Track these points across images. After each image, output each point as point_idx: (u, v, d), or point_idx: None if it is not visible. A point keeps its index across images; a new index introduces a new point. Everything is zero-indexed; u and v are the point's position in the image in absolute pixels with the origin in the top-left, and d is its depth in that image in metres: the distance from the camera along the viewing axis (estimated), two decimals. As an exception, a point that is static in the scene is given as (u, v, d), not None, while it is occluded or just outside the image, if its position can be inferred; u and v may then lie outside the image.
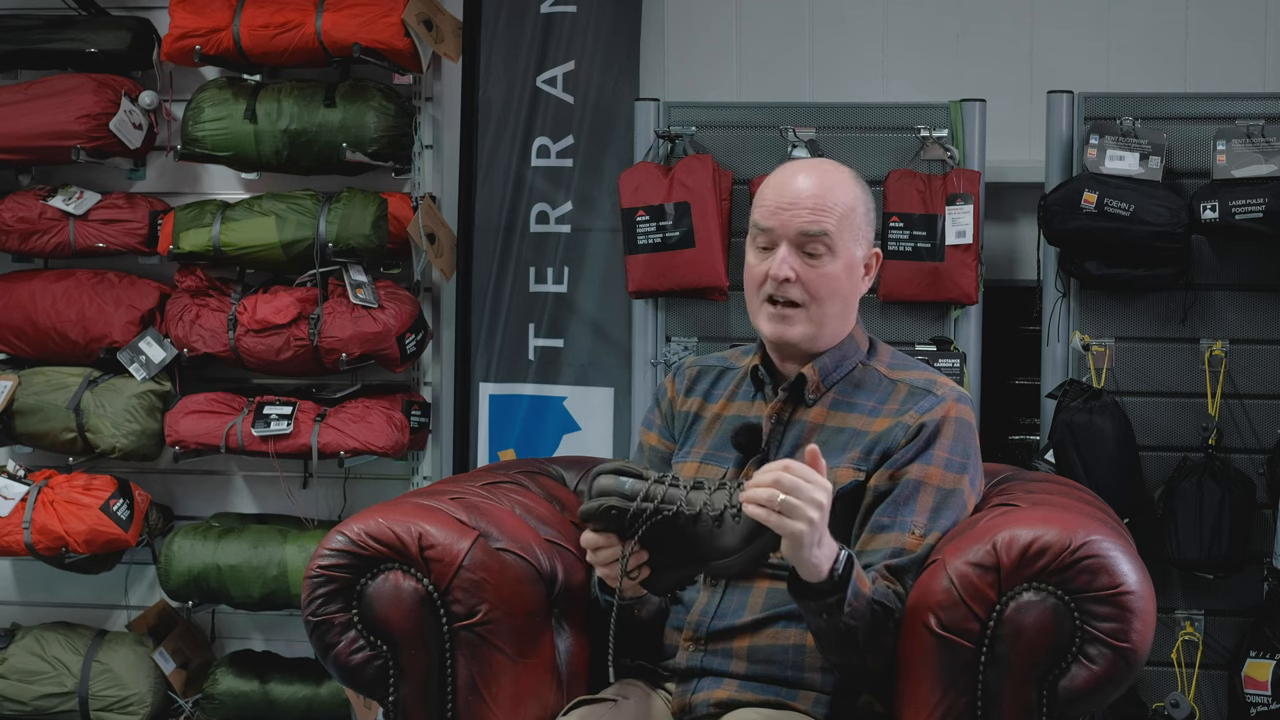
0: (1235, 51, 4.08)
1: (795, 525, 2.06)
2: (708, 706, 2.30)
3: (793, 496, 2.05)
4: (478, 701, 2.29)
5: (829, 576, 2.11)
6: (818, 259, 2.33)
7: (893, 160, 3.88)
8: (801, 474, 2.06)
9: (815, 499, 2.06)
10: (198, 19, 4.17)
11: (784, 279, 2.33)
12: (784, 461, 2.08)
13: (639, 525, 2.12)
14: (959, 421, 2.33)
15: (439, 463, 4.40)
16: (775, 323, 2.36)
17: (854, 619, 2.14)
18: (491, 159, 4.30)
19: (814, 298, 2.35)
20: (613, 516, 2.13)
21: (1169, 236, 3.66)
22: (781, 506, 2.05)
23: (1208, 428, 3.77)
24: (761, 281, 2.36)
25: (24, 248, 4.29)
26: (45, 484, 4.19)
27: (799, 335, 2.37)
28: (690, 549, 2.14)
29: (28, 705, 4.27)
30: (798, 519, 2.05)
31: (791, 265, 2.33)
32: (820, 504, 2.07)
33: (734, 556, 2.12)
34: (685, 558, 2.15)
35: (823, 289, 2.35)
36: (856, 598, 2.13)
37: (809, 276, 2.34)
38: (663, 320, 4.06)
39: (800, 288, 2.34)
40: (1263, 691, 3.62)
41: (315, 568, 2.30)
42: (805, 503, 2.05)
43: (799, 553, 2.08)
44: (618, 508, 2.13)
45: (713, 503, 2.12)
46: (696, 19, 4.34)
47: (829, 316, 2.37)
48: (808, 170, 2.38)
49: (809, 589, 2.13)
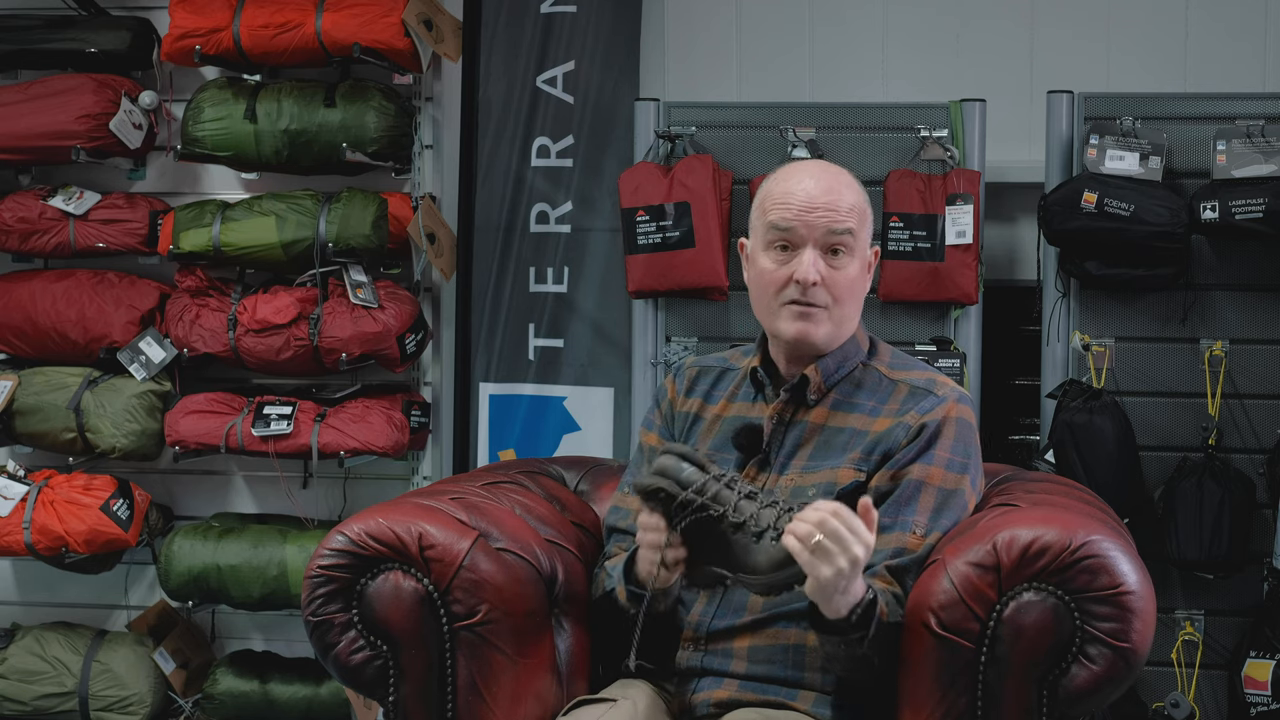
0: (1235, 51, 4.08)
1: (824, 570, 2.05)
2: (708, 706, 2.30)
3: (831, 542, 2.04)
4: (478, 701, 2.28)
5: (847, 617, 2.11)
6: (839, 259, 2.33)
7: (893, 160, 3.88)
8: (849, 523, 2.05)
9: (853, 553, 2.04)
10: (198, 19, 4.17)
11: (813, 283, 2.32)
12: (835, 506, 2.06)
13: (682, 516, 2.13)
14: (960, 422, 2.33)
15: (439, 463, 4.40)
16: (800, 321, 2.34)
17: (872, 650, 2.15)
18: (491, 159, 4.30)
19: (837, 300, 2.35)
20: (660, 499, 2.15)
21: (1169, 236, 3.66)
22: (816, 548, 2.04)
23: (1208, 428, 3.77)
24: (783, 285, 2.34)
25: (24, 248, 4.29)
26: (45, 484, 4.19)
27: (823, 336, 2.36)
28: (723, 553, 2.14)
29: (28, 705, 4.27)
30: (828, 565, 2.04)
31: (820, 267, 2.32)
32: (857, 559, 2.05)
33: (760, 576, 2.12)
34: (717, 560, 2.16)
35: (845, 291, 2.35)
36: (880, 629, 2.14)
37: (833, 279, 2.33)
38: (663, 320, 4.06)
39: (824, 290, 2.33)
40: (1263, 691, 3.62)
41: (315, 568, 2.30)
42: (841, 552, 2.04)
43: (821, 595, 2.09)
44: (667, 491, 2.14)
45: (758, 518, 2.12)
46: (696, 19, 4.34)
47: (847, 318, 2.38)
48: (817, 173, 2.37)
49: (825, 623, 2.13)
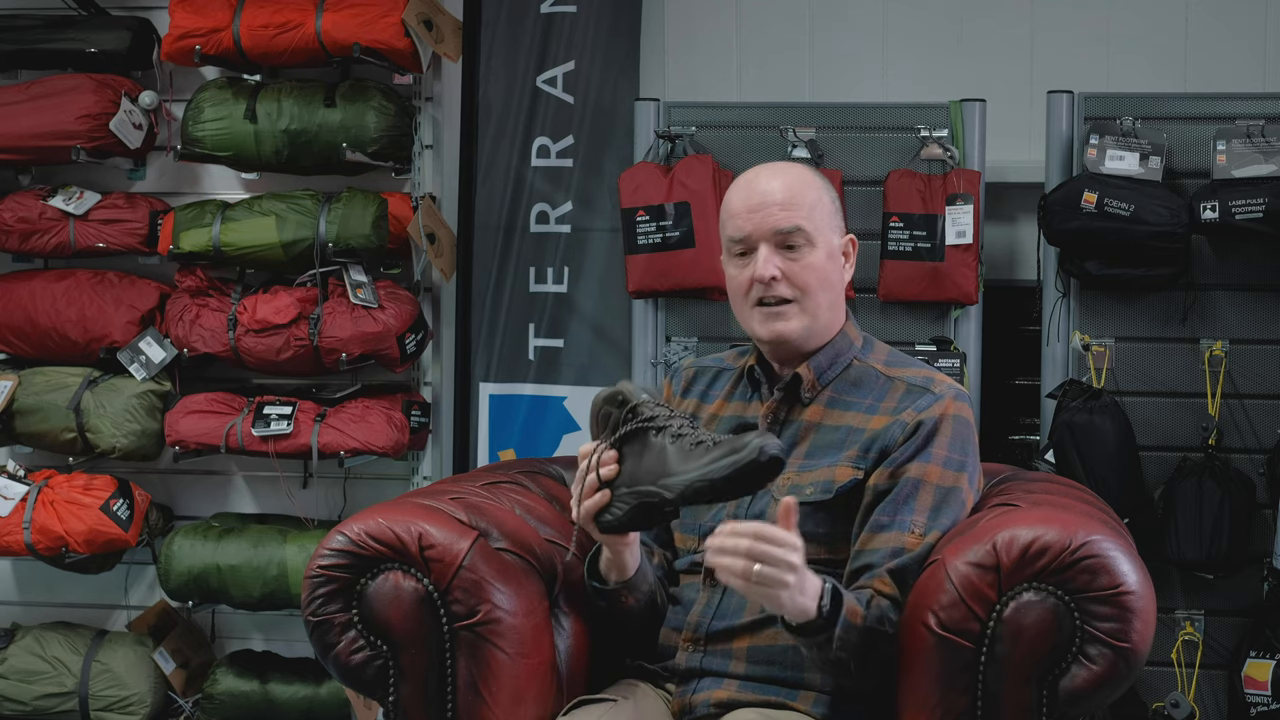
0: (1235, 51, 4.08)
1: (774, 593, 2.08)
2: (708, 707, 2.30)
3: (766, 567, 2.05)
4: (478, 701, 2.29)
5: (817, 614, 2.12)
6: (797, 251, 2.34)
7: (893, 160, 3.88)
8: (773, 539, 2.06)
9: (789, 562, 2.06)
10: (198, 19, 4.17)
11: (770, 278, 2.33)
12: (754, 527, 2.07)
13: (628, 426, 2.20)
14: (957, 419, 2.33)
15: (439, 463, 4.40)
16: (770, 321, 2.36)
17: (844, 651, 2.15)
18: (491, 159, 4.30)
19: (803, 290, 2.35)
20: (617, 403, 2.22)
21: (1169, 236, 3.66)
22: (757, 578, 2.05)
23: (1208, 428, 3.77)
24: (747, 288, 2.36)
25: (24, 248, 4.29)
26: (45, 484, 4.19)
27: (796, 330, 2.37)
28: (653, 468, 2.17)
29: (28, 705, 4.27)
30: (776, 587, 2.07)
31: (775, 264, 2.34)
32: (794, 566, 2.07)
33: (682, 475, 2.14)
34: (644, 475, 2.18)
35: (810, 280, 2.35)
36: (846, 630, 2.14)
37: (793, 270, 2.34)
38: (663, 320, 4.06)
39: (787, 284, 2.35)
40: (1263, 691, 3.62)
41: (315, 568, 2.30)
42: (782, 569, 2.06)
43: (781, 608, 2.11)
44: (624, 394, 2.22)
45: (695, 433, 2.18)
46: (696, 19, 4.34)
47: (821, 307, 2.38)
48: (767, 173, 2.40)
49: (797, 628, 2.14)
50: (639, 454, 2.20)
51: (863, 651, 2.16)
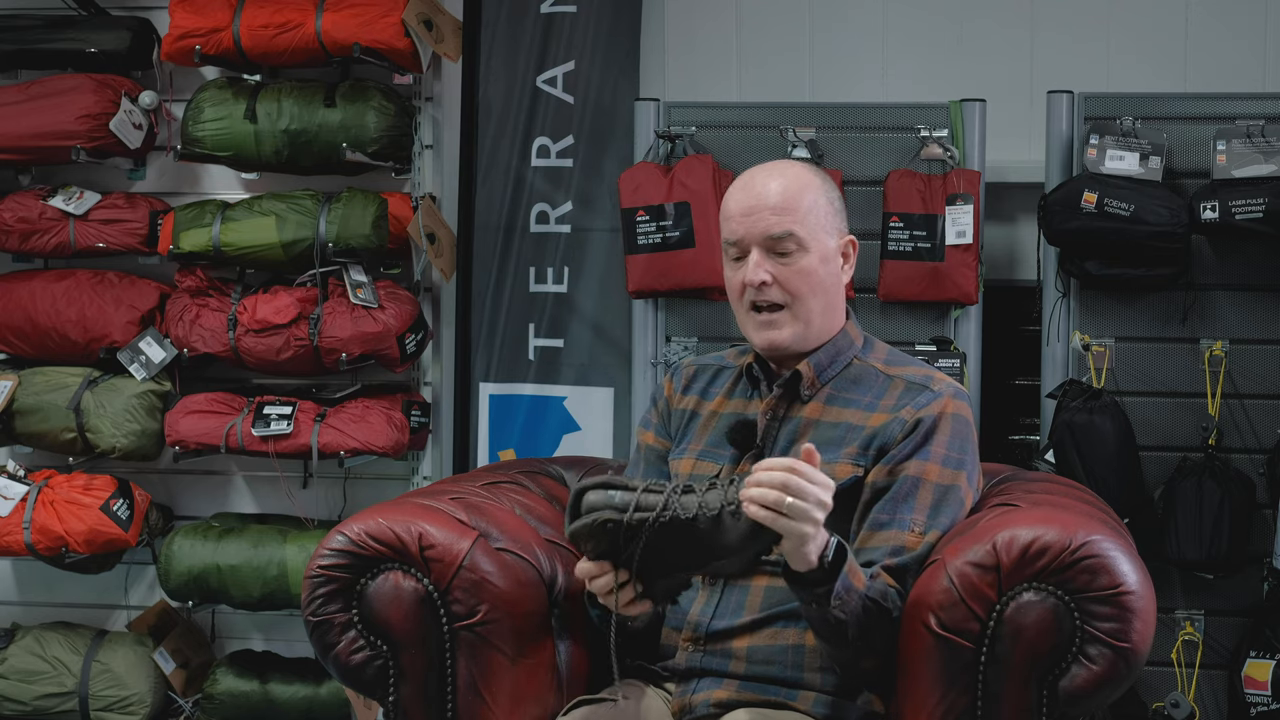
0: (1235, 51, 4.08)
1: (802, 528, 2.06)
2: (707, 707, 2.30)
3: (799, 499, 2.05)
4: (478, 702, 2.29)
5: (819, 564, 2.11)
6: (789, 257, 2.34)
7: (893, 160, 3.88)
8: (807, 475, 2.06)
9: (821, 500, 2.07)
10: (198, 19, 4.17)
11: (760, 283, 2.34)
12: (788, 461, 2.07)
13: (641, 535, 2.07)
14: (956, 418, 2.33)
15: (439, 463, 4.40)
16: (763, 330, 2.38)
17: (843, 612, 2.14)
18: (491, 159, 4.30)
19: (795, 295, 2.36)
20: (609, 531, 2.08)
21: (1169, 236, 3.66)
22: (789, 510, 2.04)
23: (1208, 428, 3.76)
24: (741, 291, 2.37)
25: (24, 248, 4.29)
26: (45, 484, 4.19)
27: (789, 337, 2.37)
28: (688, 552, 2.11)
29: (28, 705, 4.27)
30: (805, 521, 2.06)
31: (765, 269, 2.34)
32: (825, 504, 2.07)
33: (734, 557, 2.11)
34: (683, 563, 2.13)
35: (801, 285, 2.35)
36: (847, 591, 2.13)
37: (784, 275, 2.35)
38: (663, 320, 4.06)
39: (779, 289, 2.35)
40: (1263, 691, 3.62)
41: (315, 568, 2.30)
42: (812, 504, 2.05)
43: (800, 550, 2.09)
44: (614, 520, 2.08)
45: (707, 503, 2.09)
46: (696, 19, 4.34)
47: (814, 312, 2.38)
48: (764, 174, 2.39)
49: (799, 576, 2.13)
50: (659, 550, 2.09)
51: (863, 620, 2.16)
